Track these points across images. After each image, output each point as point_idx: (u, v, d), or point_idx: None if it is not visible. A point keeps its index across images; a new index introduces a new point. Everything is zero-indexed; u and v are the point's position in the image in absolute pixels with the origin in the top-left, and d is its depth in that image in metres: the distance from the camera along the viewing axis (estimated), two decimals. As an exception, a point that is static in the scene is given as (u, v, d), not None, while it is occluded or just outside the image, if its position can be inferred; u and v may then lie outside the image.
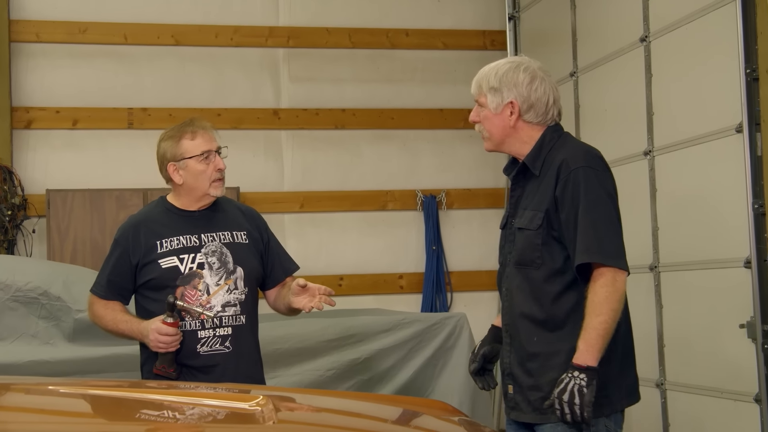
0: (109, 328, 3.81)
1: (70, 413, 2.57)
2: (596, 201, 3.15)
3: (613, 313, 3.08)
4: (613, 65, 6.01)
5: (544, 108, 3.32)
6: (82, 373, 4.76)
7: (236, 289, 3.76)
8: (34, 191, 7.06)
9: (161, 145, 3.84)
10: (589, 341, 3.06)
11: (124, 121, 7.31)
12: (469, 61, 7.89)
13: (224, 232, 3.80)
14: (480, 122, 3.41)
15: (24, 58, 7.20)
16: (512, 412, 3.35)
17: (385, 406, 2.92)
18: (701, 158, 5.16)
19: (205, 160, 3.75)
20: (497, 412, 7.55)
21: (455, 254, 7.75)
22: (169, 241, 3.74)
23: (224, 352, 3.72)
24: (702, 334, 5.11)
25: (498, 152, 3.49)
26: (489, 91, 3.34)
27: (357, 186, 7.65)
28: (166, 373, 3.64)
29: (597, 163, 3.23)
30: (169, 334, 3.60)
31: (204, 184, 3.77)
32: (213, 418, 2.41)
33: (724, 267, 4.95)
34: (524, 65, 3.34)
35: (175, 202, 3.84)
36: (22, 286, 4.97)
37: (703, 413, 5.07)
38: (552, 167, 3.24)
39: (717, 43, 5.00)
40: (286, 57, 7.64)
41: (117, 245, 3.82)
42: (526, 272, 3.27)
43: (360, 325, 5.38)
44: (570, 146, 3.30)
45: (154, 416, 2.44)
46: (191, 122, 3.84)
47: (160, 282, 3.72)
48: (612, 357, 3.18)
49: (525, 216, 3.29)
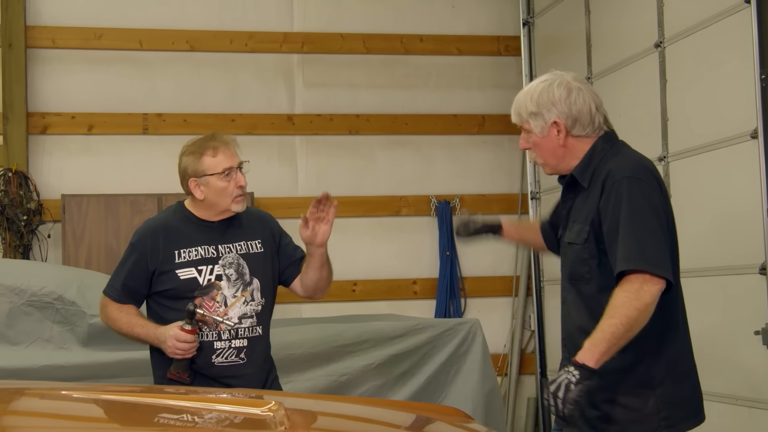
0: (124, 330, 3.80)
1: (83, 418, 2.58)
2: (637, 210, 3.04)
3: (627, 320, 2.95)
4: (627, 71, 6.00)
5: (589, 117, 3.21)
6: (96, 378, 4.77)
7: (252, 300, 3.76)
8: (49, 196, 7.10)
9: (183, 159, 3.81)
10: (593, 341, 2.97)
11: (139, 126, 7.34)
12: (484, 66, 7.91)
13: (240, 243, 3.79)
14: (530, 149, 3.31)
15: (40, 64, 7.24)
16: (567, 427, 3.25)
17: (398, 413, 2.92)
18: (716, 164, 5.14)
19: (226, 177, 3.72)
20: (510, 419, 7.54)
21: (469, 260, 7.74)
22: (188, 251, 3.73)
23: (239, 363, 3.72)
24: (717, 341, 5.08)
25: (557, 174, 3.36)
26: (530, 117, 3.25)
27: (371, 191, 7.66)
28: (180, 378, 3.65)
29: (643, 174, 3.11)
30: (187, 341, 3.60)
31: (225, 201, 3.75)
32: (225, 423, 2.41)
33: (739, 273, 4.93)
34: (557, 81, 3.23)
35: (195, 212, 3.82)
36: (37, 291, 4.99)
37: (718, 420, 5.04)
38: (599, 178, 3.15)
39: (732, 49, 4.99)
40: (301, 63, 7.65)
41: (134, 249, 3.80)
42: (579, 287, 3.20)
43: (373, 330, 5.38)
44: (620, 157, 3.19)
45: (166, 421, 2.44)
46: (213, 137, 3.80)
47: (178, 292, 3.71)
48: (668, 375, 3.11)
49: (573, 230, 3.22)
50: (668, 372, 3.12)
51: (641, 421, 3.10)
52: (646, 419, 3.09)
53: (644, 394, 3.10)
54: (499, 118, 7.84)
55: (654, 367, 3.11)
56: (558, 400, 2.95)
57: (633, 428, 3.11)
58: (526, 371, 7.73)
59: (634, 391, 3.11)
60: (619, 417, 3.12)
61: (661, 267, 3.01)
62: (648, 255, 3.00)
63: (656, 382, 3.10)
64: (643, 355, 3.10)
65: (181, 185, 3.83)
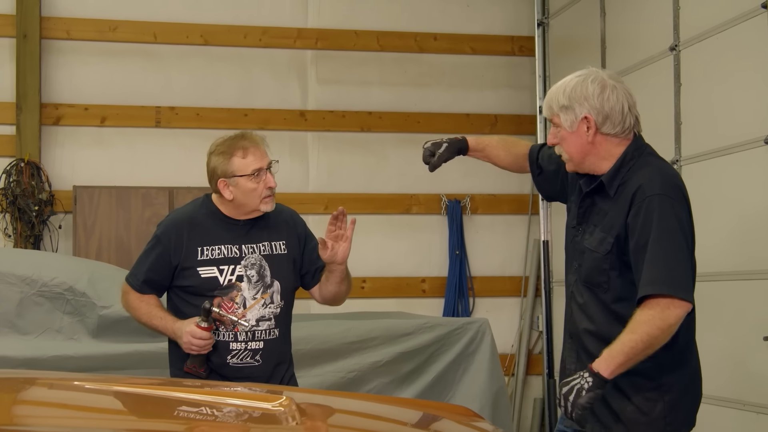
0: (143, 320, 3.79)
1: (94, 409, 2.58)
2: (667, 231, 3.02)
3: (647, 337, 2.95)
4: (642, 73, 5.99)
5: (620, 117, 3.17)
6: (105, 369, 4.79)
7: (272, 303, 3.75)
8: (61, 187, 7.12)
9: (212, 158, 3.76)
10: (611, 353, 2.99)
11: (152, 119, 7.35)
12: (497, 66, 7.90)
13: (264, 243, 3.77)
14: (559, 143, 3.27)
15: (54, 55, 7.25)
16: (567, 420, 3.23)
17: (407, 410, 2.92)
18: (728, 169, 5.13)
19: (255, 179, 3.69)
20: (517, 419, 7.54)
21: (478, 259, 7.74)
22: (211, 249, 3.72)
23: (254, 365, 3.72)
24: (726, 346, 5.07)
25: None
26: (561, 110, 3.21)
27: (382, 189, 7.66)
28: (197, 372, 3.65)
29: (674, 192, 3.09)
30: (202, 338, 3.60)
31: (254, 202, 3.72)
32: (236, 417, 2.42)
33: (750, 279, 4.92)
34: (592, 76, 3.20)
35: (222, 208, 3.79)
36: (48, 282, 5.00)
37: (725, 425, 5.03)
38: (627, 191, 3.12)
39: (747, 54, 4.97)
40: (314, 59, 7.66)
41: (158, 242, 3.77)
42: (595, 293, 3.20)
43: (382, 327, 5.38)
44: (648, 170, 3.15)
45: (176, 414, 2.45)
46: (243, 136, 3.76)
47: (197, 290, 3.71)
48: (678, 384, 3.14)
49: (595, 236, 3.19)
50: (680, 382, 3.15)
51: (648, 424, 3.12)
52: (652, 423, 3.12)
53: (654, 399, 3.13)
54: (512, 119, 7.83)
55: (669, 376, 3.14)
56: (568, 402, 2.99)
57: (638, 429, 3.13)
58: (533, 372, 7.73)
59: (646, 395, 3.13)
60: (628, 417, 3.14)
61: (687, 292, 3.02)
62: (675, 279, 3.00)
63: (666, 389, 3.13)
64: (662, 365, 3.12)
65: (209, 182, 3.80)
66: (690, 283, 3.05)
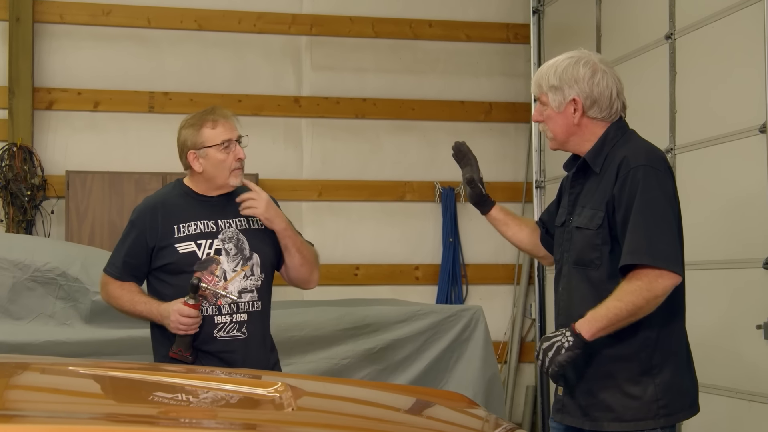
0: (126, 308, 3.80)
1: (87, 394, 2.58)
2: (652, 201, 3.04)
3: (632, 306, 2.98)
4: (637, 62, 5.98)
5: (608, 101, 3.20)
6: (98, 355, 4.78)
7: (252, 275, 3.76)
8: (53, 172, 7.09)
9: (182, 132, 3.82)
10: (595, 315, 3.01)
11: (145, 104, 7.32)
12: (492, 54, 7.88)
13: (240, 219, 3.79)
14: (543, 122, 3.29)
15: (47, 39, 7.22)
16: (557, 414, 3.27)
17: (402, 396, 2.92)
18: (723, 158, 5.13)
19: (225, 150, 3.74)
20: (509, 406, 7.55)
21: (472, 247, 7.74)
22: (187, 225, 3.74)
23: (240, 338, 3.72)
24: (718, 334, 5.08)
25: (563, 150, 3.35)
26: (550, 90, 3.23)
27: (375, 176, 7.65)
28: (183, 357, 3.64)
29: (658, 163, 3.11)
30: (190, 316, 3.60)
31: (224, 173, 3.75)
32: (231, 403, 2.41)
33: (743, 267, 4.92)
34: (584, 59, 3.21)
35: (193, 187, 3.83)
36: (41, 267, 4.98)
37: (717, 413, 5.05)
38: (613, 164, 3.13)
39: (742, 43, 4.97)
40: (309, 45, 7.63)
41: (133, 227, 3.81)
42: (586, 272, 3.18)
43: (375, 314, 5.38)
44: (632, 144, 3.18)
45: (172, 400, 2.44)
46: (212, 110, 3.82)
47: (177, 267, 3.71)
48: (667, 364, 3.12)
49: (584, 215, 3.19)
50: (668, 361, 3.13)
51: (639, 409, 3.10)
52: (644, 407, 3.10)
53: (644, 382, 3.11)
54: (506, 106, 7.83)
55: (655, 355, 3.12)
56: (547, 358, 3.02)
57: (630, 415, 3.10)
58: (526, 359, 7.74)
59: (635, 379, 3.11)
60: (618, 405, 3.12)
61: (674, 262, 3.02)
62: (659, 250, 3.01)
63: (656, 371, 3.11)
64: (646, 343, 3.11)
65: (179, 159, 3.84)
66: (677, 254, 3.04)
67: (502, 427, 2.62)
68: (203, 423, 2.12)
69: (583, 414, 3.17)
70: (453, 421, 2.59)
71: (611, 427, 3.11)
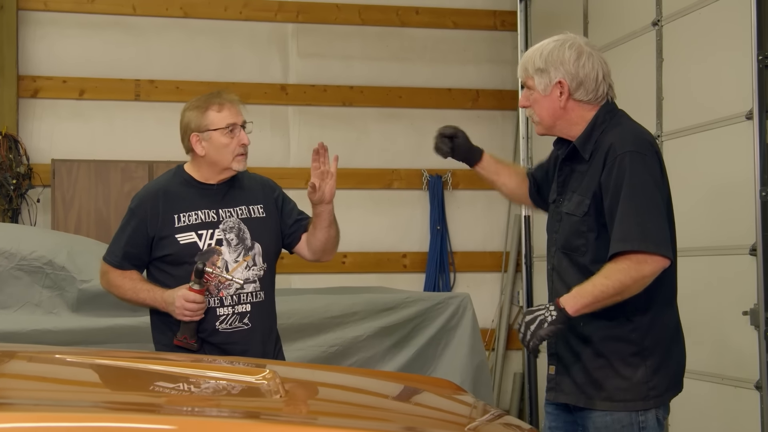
0: (128, 296, 3.73)
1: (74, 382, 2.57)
2: (639, 186, 3.03)
3: (620, 285, 2.98)
4: (624, 49, 5.98)
5: (594, 84, 3.19)
6: (85, 343, 4.76)
7: (255, 265, 3.71)
8: (39, 161, 7.06)
9: (186, 114, 3.75)
10: (580, 291, 3.02)
11: (131, 92, 7.29)
12: (479, 41, 7.88)
13: (241, 207, 3.74)
14: (530, 106, 3.28)
15: (32, 27, 7.17)
16: (550, 393, 3.28)
17: (390, 383, 2.92)
18: (710, 144, 5.14)
19: (230, 134, 3.67)
20: (497, 393, 7.58)
21: (459, 235, 7.75)
22: (187, 215, 3.68)
23: (243, 329, 3.67)
24: (705, 321, 5.10)
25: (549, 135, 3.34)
26: (536, 73, 3.22)
27: (363, 164, 7.64)
28: (188, 344, 3.59)
29: (645, 148, 3.10)
30: (196, 302, 3.55)
31: (227, 158, 3.69)
32: (219, 390, 2.41)
33: (730, 254, 4.94)
34: (569, 42, 3.21)
35: (194, 174, 3.76)
36: (27, 255, 4.96)
37: (704, 399, 5.07)
38: (600, 152, 3.13)
39: (729, 29, 4.97)
40: (295, 32, 7.61)
41: (133, 215, 3.73)
42: (572, 257, 3.19)
43: (363, 302, 5.38)
44: (621, 129, 3.17)
45: (157, 387, 2.44)
46: (219, 94, 3.77)
47: (177, 258, 3.66)
48: (659, 346, 3.13)
49: (573, 200, 3.19)
50: (660, 344, 3.14)
51: (630, 390, 3.12)
52: (634, 388, 3.12)
53: (635, 364, 3.12)
54: (494, 93, 7.83)
55: (647, 338, 3.13)
56: (528, 331, 3.01)
57: (621, 395, 3.12)
58: (513, 347, 7.76)
59: (627, 360, 3.13)
60: (609, 384, 3.13)
61: (664, 246, 3.03)
62: (648, 235, 3.01)
63: (648, 353, 3.12)
64: (639, 325, 3.13)
65: (181, 142, 3.77)
66: (666, 237, 3.04)
67: (489, 414, 2.62)
68: (189, 410, 2.11)
69: (580, 391, 3.19)
70: (440, 407, 2.60)
71: (602, 405, 3.13)
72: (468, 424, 2.50)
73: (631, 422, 3.11)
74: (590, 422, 3.18)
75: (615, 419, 3.12)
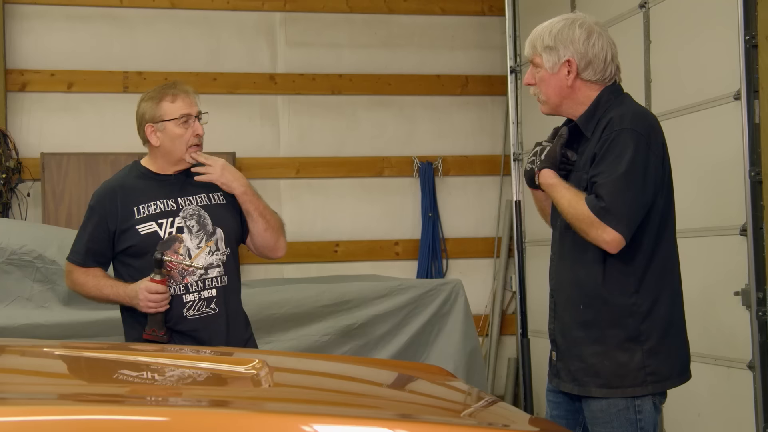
0: (92, 294, 3.75)
1: (64, 375, 2.57)
2: (626, 163, 3.02)
3: (570, 218, 3.08)
4: (611, 31, 5.87)
5: (603, 64, 3.19)
6: (76, 337, 4.76)
7: (218, 250, 3.71)
8: (28, 155, 7.03)
9: (141, 105, 3.79)
10: (556, 186, 3.15)
11: (120, 84, 7.26)
12: (467, 26, 7.86)
13: (201, 195, 3.75)
14: (535, 85, 3.27)
15: (19, 20, 7.14)
16: (554, 379, 3.28)
17: (382, 371, 2.92)
18: (699, 125, 5.14)
19: (183, 124, 3.70)
20: (491, 379, 7.59)
21: (451, 221, 7.75)
22: (146, 206, 3.69)
23: (211, 314, 3.68)
24: (697, 301, 5.10)
25: (556, 115, 3.33)
26: (544, 51, 3.20)
27: (353, 152, 7.63)
28: (157, 337, 3.59)
29: (642, 126, 3.09)
30: (158, 292, 3.56)
31: (180, 149, 3.71)
32: (208, 380, 2.40)
33: (720, 234, 4.94)
34: (579, 21, 3.20)
35: (150, 166, 3.79)
36: (17, 249, 4.96)
37: (697, 379, 5.05)
38: (600, 127, 3.13)
39: (716, 10, 4.97)
40: (283, 21, 7.58)
41: (93, 212, 3.75)
42: (575, 237, 3.16)
43: (355, 290, 5.39)
44: (623, 107, 3.16)
45: (149, 379, 2.44)
46: (174, 85, 3.78)
47: (140, 249, 3.67)
48: (656, 331, 3.12)
49: (572, 179, 3.19)
50: (657, 329, 3.13)
51: (627, 375, 3.11)
52: (631, 373, 3.11)
53: (632, 349, 3.11)
54: (482, 79, 7.81)
55: (644, 323, 3.12)
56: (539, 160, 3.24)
57: (617, 381, 3.11)
58: (507, 332, 7.77)
59: (623, 346, 3.12)
60: (606, 370, 3.13)
61: (625, 226, 3.02)
62: (616, 211, 3.01)
63: (644, 338, 3.11)
64: (634, 311, 3.12)
65: (137, 133, 3.80)
66: (629, 218, 3.03)
67: (483, 400, 2.62)
68: (181, 401, 2.11)
69: (573, 379, 3.18)
70: (432, 394, 2.60)
71: (599, 392, 3.12)
72: (460, 410, 2.50)
73: (627, 407, 3.11)
74: (587, 408, 3.18)
75: (611, 403, 3.11)
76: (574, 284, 3.19)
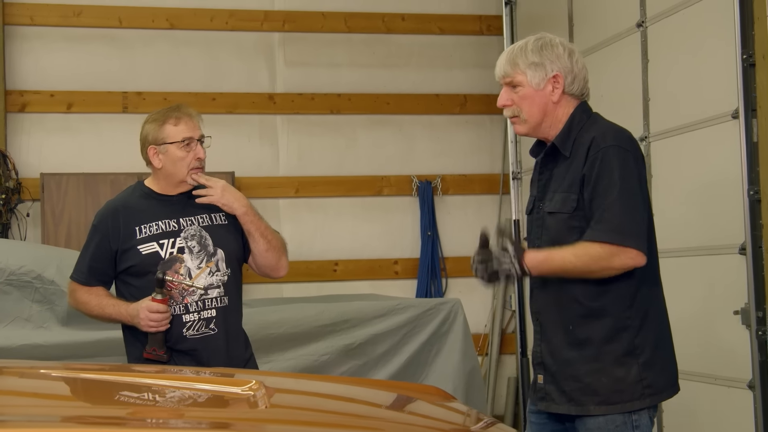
0: (95, 313, 3.78)
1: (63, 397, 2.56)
2: (622, 180, 3.03)
3: (586, 269, 3.03)
4: (609, 50, 5.99)
5: (583, 82, 3.23)
6: (75, 357, 4.75)
7: (218, 270, 3.74)
8: (28, 175, 7.04)
9: (145, 126, 3.84)
10: (549, 259, 3.08)
11: (119, 104, 7.28)
12: (465, 46, 7.88)
13: (202, 215, 3.78)
14: (513, 105, 3.25)
15: (18, 41, 7.16)
16: (541, 402, 3.26)
17: (380, 392, 2.91)
18: (697, 144, 5.15)
19: (185, 147, 3.73)
20: (491, 398, 7.57)
21: (450, 240, 7.74)
22: (148, 226, 3.72)
23: (210, 334, 3.70)
24: (696, 321, 5.10)
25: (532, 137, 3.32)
26: (529, 67, 3.19)
27: (352, 171, 7.64)
28: (157, 356, 3.61)
29: (627, 143, 3.12)
30: (159, 311, 3.58)
31: (182, 171, 3.75)
32: (205, 402, 2.40)
33: (719, 253, 4.94)
34: (556, 39, 3.24)
35: (153, 186, 3.83)
36: (16, 270, 4.95)
37: (697, 399, 5.07)
38: (582, 147, 3.12)
39: (714, 29, 4.98)
40: (282, 41, 7.61)
41: (96, 231, 3.79)
42: None
43: (355, 310, 5.38)
44: (600, 126, 3.18)
45: (146, 400, 2.43)
46: (177, 108, 3.83)
47: (141, 268, 3.70)
48: (650, 344, 3.13)
49: (555, 199, 3.18)
50: (650, 341, 3.14)
51: (625, 390, 3.10)
52: (629, 388, 3.10)
53: (628, 363, 3.11)
54: (481, 98, 7.83)
55: (638, 336, 3.13)
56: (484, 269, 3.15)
57: (616, 397, 3.11)
58: (507, 351, 7.76)
59: (620, 361, 3.12)
60: (603, 388, 3.12)
61: (641, 241, 3.05)
62: (628, 229, 3.03)
63: (639, 351, 3.12)
64: (628, 325, 3.12)
65: (141, 154, 3.84)
66: (643, 233, 3.06)
67: (482, 422, 2.61)
68: (178, 423, 2.11)
69: (568, 400, 3.17)
70: (428, 414, 2.59)
71: (598, 410, 3.11)
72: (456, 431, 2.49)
73: (625, 422, 3.10)
74: (582, 426, 3.16)
75: (608, 420, 3.11)
76: (563, 305, 3.19)
